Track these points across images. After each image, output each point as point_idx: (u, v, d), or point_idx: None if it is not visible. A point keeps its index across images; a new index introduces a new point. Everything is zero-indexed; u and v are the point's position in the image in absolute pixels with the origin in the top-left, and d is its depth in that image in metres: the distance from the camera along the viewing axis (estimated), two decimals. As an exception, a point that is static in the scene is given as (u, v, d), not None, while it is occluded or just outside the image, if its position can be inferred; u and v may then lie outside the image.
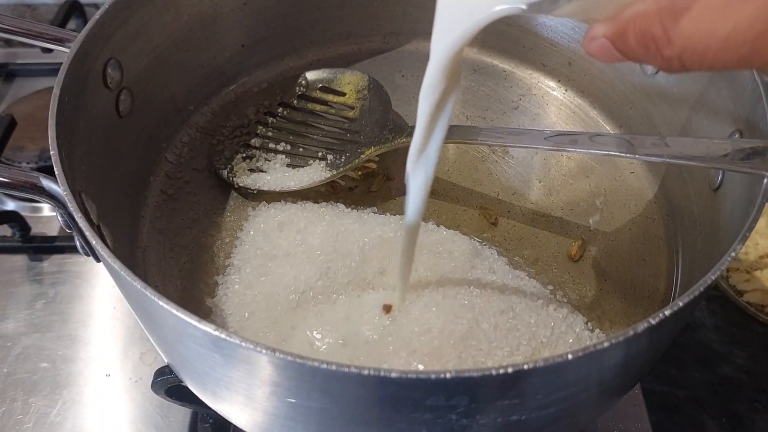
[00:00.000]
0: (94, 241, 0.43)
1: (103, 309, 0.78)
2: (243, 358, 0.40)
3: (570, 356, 0.37)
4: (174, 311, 0.39)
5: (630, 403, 0.69)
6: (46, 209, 0.88)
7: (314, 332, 0.56)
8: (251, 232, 0.65)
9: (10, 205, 0.88)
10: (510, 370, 0.36)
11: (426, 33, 0.43)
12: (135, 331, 0.76)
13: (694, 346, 0.78)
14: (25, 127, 0.89)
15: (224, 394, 0.48)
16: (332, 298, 0.58)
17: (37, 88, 1.01)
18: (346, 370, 0.36)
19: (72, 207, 0.45)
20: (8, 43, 1.20)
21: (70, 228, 0.50)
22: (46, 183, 0.49)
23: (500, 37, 0.81)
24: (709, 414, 0.73)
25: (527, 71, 0.81)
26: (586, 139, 0.59)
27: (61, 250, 0.84)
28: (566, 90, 0.79)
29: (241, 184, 0.68)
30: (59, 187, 0.47)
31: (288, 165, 0.69)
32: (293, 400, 0.42)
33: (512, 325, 0.56)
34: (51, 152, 0.48)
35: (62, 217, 0.50)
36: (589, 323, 0.59)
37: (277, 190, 0.67)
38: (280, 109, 0.75)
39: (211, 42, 0.73)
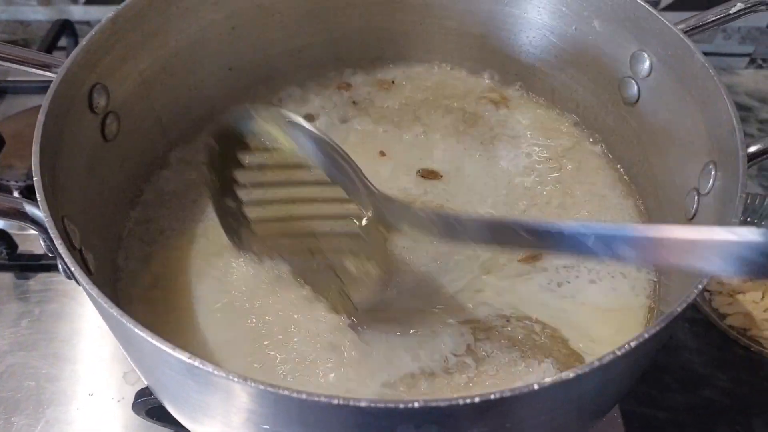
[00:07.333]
0: (73, 268, 0.44)
1: (88, 328, 0.79)
2: (217, 385, 0.40)
3: (536, 386, 0.38)
4: (149, 338, 0.39)
5: (608, 426, 0.69)
6: (34, 228, 0.88)
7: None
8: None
9: (-2, 223, 0.88)
10: (477, 400, 0.37)
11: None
12: (119, 351, 0.76)
13: (676, 368, 0.78)
14: (14, 146, 0.89)
15: (202, 419, 0.49)
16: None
17: (27, 106, 1.00)
18: (316, 399, 0.37)
19: (53, 233, 0.46)
20: (-1, 60, 1.20)
21: (52, 252, 0.50)
22: (29, 209, 0.49)
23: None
24: (690, 437, 0.73)
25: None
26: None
27: (48, 269, 0.84)
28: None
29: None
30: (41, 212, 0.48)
31: None
32: (267, 427, 0.42)
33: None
34: (34, 179, 0.48)
35: (44, 242, 0.50)
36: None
37: None
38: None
39: (197, 66, 0.73)
